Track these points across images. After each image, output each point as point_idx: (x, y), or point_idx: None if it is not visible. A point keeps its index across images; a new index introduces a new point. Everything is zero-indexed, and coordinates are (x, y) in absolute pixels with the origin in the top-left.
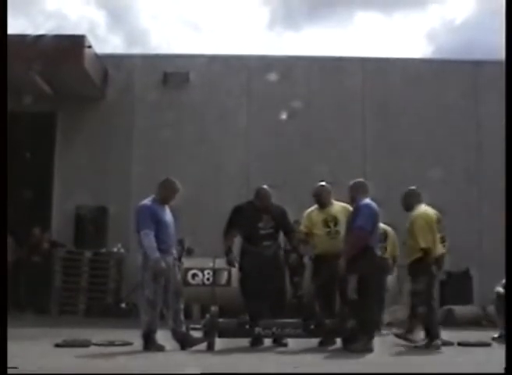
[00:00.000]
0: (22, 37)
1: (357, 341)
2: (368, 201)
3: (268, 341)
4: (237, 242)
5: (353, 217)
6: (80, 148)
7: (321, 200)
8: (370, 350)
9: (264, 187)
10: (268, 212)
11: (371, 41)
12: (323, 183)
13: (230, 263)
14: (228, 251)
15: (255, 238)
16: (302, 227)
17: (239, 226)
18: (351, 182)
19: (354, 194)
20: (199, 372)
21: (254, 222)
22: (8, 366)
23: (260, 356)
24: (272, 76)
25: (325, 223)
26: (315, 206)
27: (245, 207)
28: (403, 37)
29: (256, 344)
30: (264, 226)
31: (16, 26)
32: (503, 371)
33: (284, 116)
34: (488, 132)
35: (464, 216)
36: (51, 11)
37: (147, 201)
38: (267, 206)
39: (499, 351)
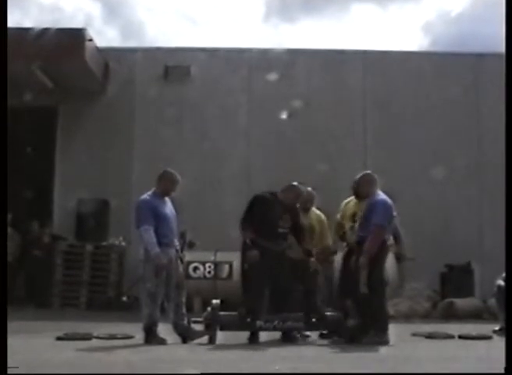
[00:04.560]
0: (22, 32)
1: (367, 335)
2: (382, 196)
3: (267, 336)
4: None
5: (368, 213)
6: (81, 141)
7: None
8: (386, 342)
9: (297, 184)
10: (289, 211)
11: (367, 33)
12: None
13: (252, 258)
14: (248, 245)
15: (272, 235)
16: (338, 216)
17: (258, 218)
18: (361, 175)
19: (369, 189)
20: (199, 372)
21: (275, 218)
22: (10, 359)
23: (261, 351)
24: (273, 71)
25: (352, 218)
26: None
27: (268, 199)
28: (399, 30)
29: (254, 341)
30: (283, 225)
31: (11, 19)
32: (503, 365)
33: (285, 115)
34: (490, 127)
35: (464, 210)
36: (47, 4)
37: (146, 196)
38: (293, 204)
39: (500, 344)
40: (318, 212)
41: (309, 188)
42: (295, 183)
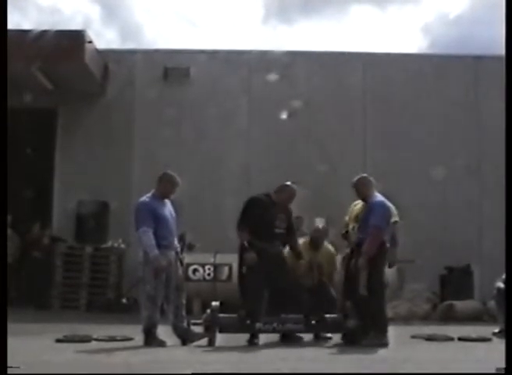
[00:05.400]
0: (22, 33)
1: (367, 337)
2: (380, 198)
3: (267, 338)
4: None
5: (366, 215)
6: (81, 143)
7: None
8: (385, 344)
9: (290, 184)
10: (284, 212)
11: (366, 34)
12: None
13: (250, 260)
14: (246, 248)
15: (269, 236)
16: (346, 218)
17: (254, 220)
18: (356, 179)
19: (365, 191)
20: (198, 372)
21: (271, 219)
22: (9, 360)
23: (261, 352)
24: (273, 72)
25: (356, 219)
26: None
27: (263, 200)
28: (398, 31)
29: (254, 342)
30: (279, 225)
31: (10, 21)
32: (503, 367)
33: (284, 115)
34: (489, 128)
35: (464, 211)
36: (46, 6)
37: (145, 198)
38: (287, 205)
39: (499, 347)
40: (329, 247)
41: (321, 223)
42: (288, 182)
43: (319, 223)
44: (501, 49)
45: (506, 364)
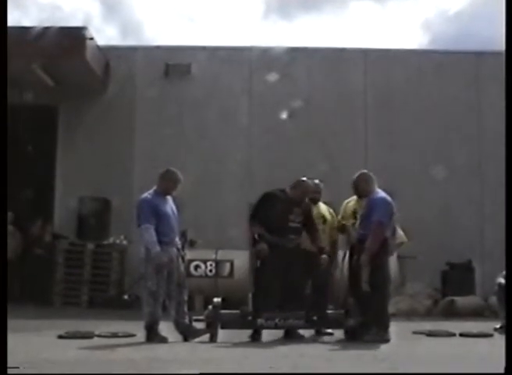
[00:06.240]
0: (23, 31)
1: (369, 332)
2: (382, 194)
3: (270, 334)
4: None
5: (368, 211)
6: (82, 140)
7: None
8: (387, 340)
9: (306, 180)
10: (299, 206)
11: (366, 30)
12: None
13: (261, 251)
14: (257, 240)
15: (282, 229)
16: (339, 217)
17: (267, 214)
18: (357, 174)
19: (367, 188)
20: (199, 371)
21: (285, 212)
22: (11, 358)
23: (262, 349)
24: (274, 70)
25: (353, 215)
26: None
27: (277, 195)
28: (398, 27)
29: (256, 338)
30: (294, 219)
31: (10, 18)
32: (504, 363)
33: (285, 115)
34: (490, 124)
35: (466, 208)
36: (46, 3)
37: (147, 195)
38: (302, 200)
39: (501, 342)
40: (324, 205)
41: (316, 180)
42: (304, 178)
43: (315, 180)
44: (501, 46)
45: (506, 360)
